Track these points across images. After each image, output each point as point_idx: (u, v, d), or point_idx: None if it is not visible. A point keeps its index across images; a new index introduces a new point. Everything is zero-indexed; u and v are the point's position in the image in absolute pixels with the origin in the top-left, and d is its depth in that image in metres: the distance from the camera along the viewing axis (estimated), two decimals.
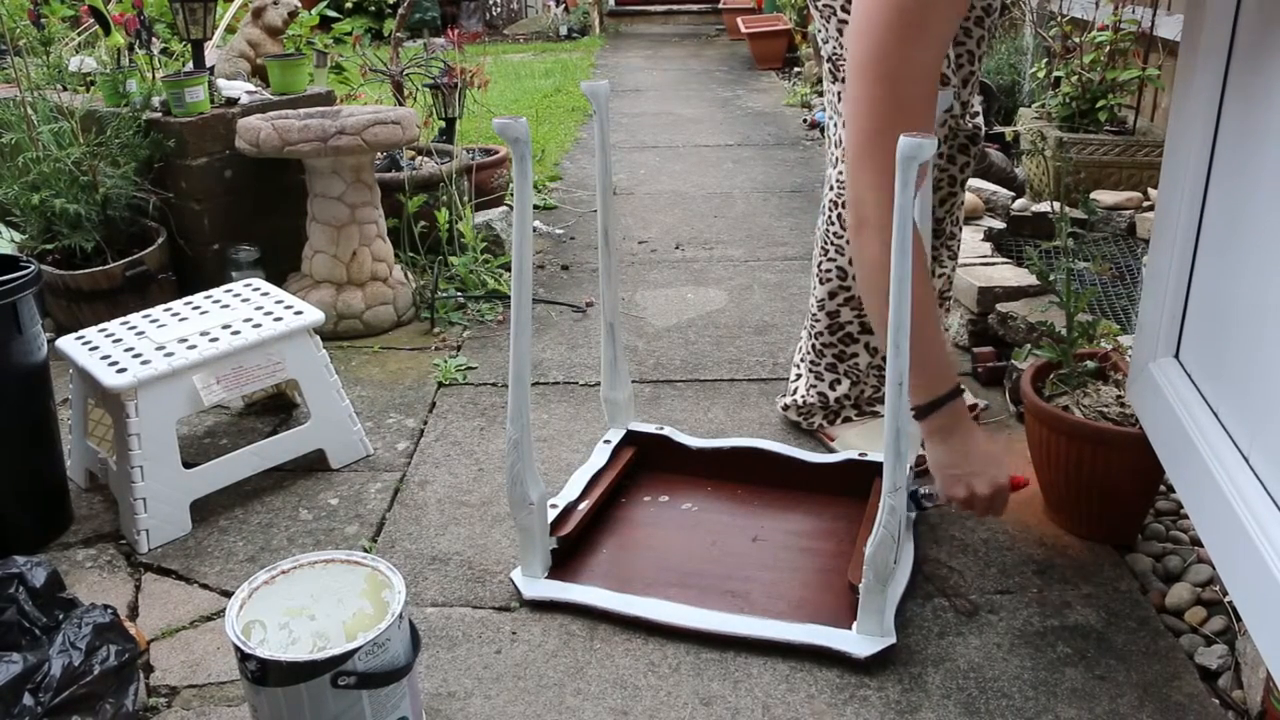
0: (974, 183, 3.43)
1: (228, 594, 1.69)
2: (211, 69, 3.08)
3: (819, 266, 2.01)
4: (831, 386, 2.09)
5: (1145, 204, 3.14)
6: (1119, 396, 1.77)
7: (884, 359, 2.05)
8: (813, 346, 2.09)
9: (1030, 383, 1.82)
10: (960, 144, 1.97)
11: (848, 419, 2.12)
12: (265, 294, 2.13)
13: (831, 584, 1.66)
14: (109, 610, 1.40)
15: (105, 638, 1.36)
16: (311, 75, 3.20)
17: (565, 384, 2.47)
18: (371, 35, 7.40)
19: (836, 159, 1.94)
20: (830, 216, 1.96)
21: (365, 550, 1.81)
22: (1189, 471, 1.40)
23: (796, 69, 6.98)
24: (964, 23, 1.84)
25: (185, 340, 1.91)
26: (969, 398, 2.18)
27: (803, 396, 2.13)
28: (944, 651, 1.53)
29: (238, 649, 1.23)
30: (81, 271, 2.61)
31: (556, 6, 9.92)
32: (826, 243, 1.98)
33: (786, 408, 2.18)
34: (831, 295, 2.00)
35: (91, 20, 3.43)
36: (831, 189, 1.96)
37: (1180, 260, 1.51)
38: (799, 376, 2.15)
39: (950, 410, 1.56)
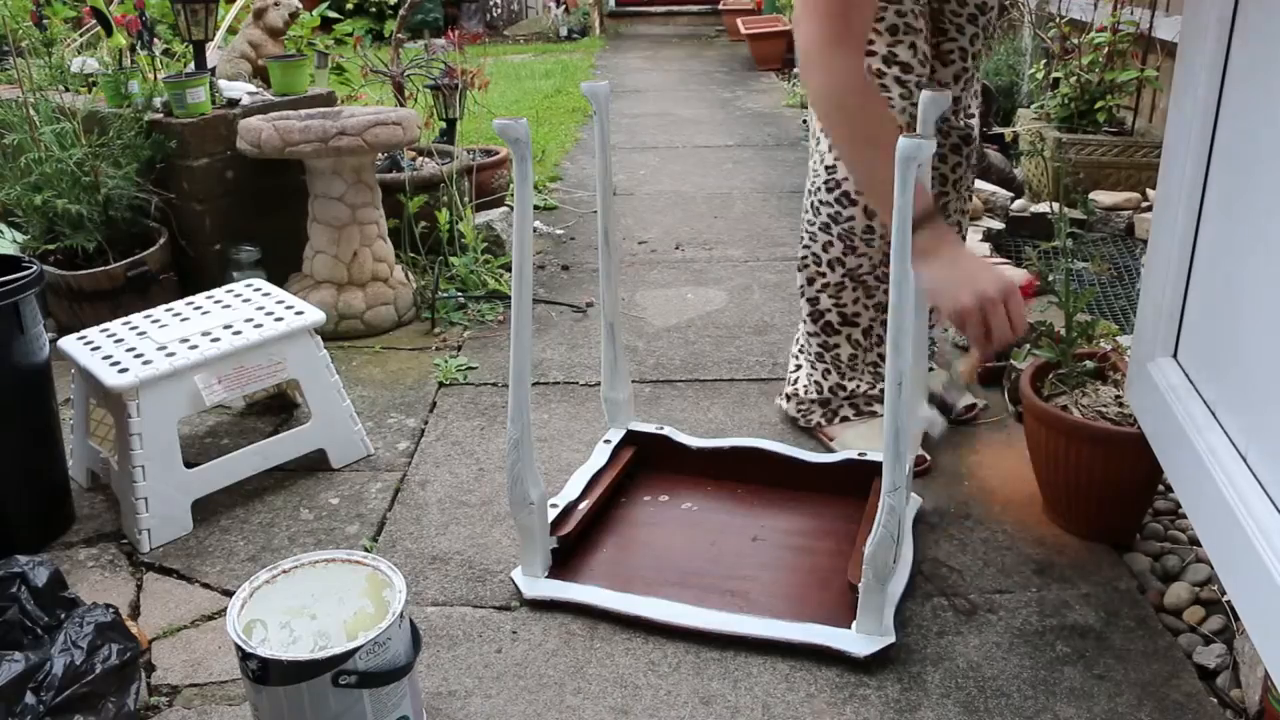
0: None
1: (229, 593, 1.70)
2: (213, 70, 3.09)
3: (800, 256, 2.06)
4: (824, 375, 2.12)
5: (1144, 204, 3.15)
6: (1117, 396, 1.77)
7: (874, 354, 2.08)
8: (805, 333, 2.13)
9: (1029, 382, 1.83)
10: (953, 143, 1.98)
11: (845, 418, 2.12)
12: (266, 294, 2.13)
13: (831, 583, 1.67)
14: (110, 609, 1.41)
15: (107, 637, 1.36)
16: (313, 76, 3.21)
17: (565, 384, 2.47)
18: (372, 36, 7.40)
19: (822, 154, 1.96)
20: (808, 204, 2.01)
21: (366, 550, 1.82)
22: (1187, 471, 1.40)
23: (796, 70, 6.99)
24: (955, 18, 1.88)
25: (187, 340, 1.92)
26: (968, 398, 2.19)
27: (803, 386, 2.15)
28: (943, 651, 1.53)
29: (239, 648, 1.23)
30: (83, 272, 2.62)
31: (557, 7, 9.92)
32: (804, 231, 2.03)
33: (788, 397, 2.19)
34: (810, 281, 2.05)
35: (93, 21, 3.44)
36: (812, 180, 2.00)
37: (1178, 260, 1.52)
38: (798, 368, 2.17)
39: (930, 233, 1.46)
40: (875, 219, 1.90)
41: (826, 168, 1.93)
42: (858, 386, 2.11)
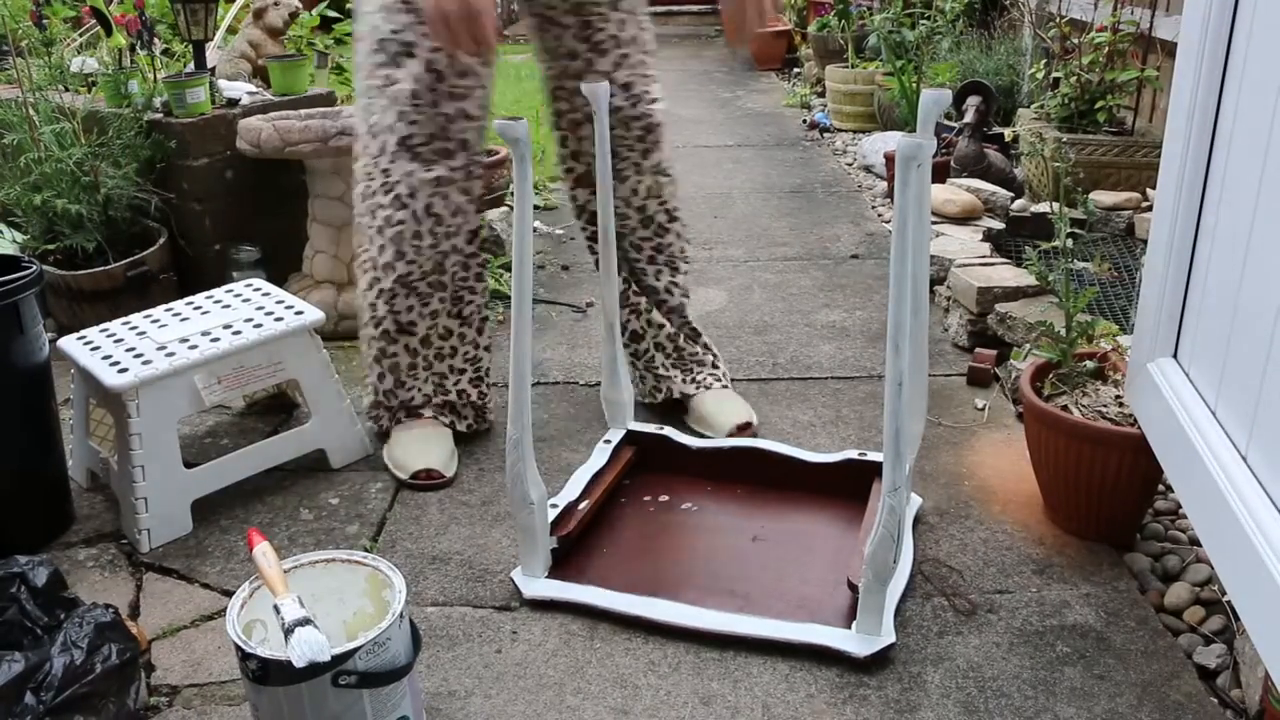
0: (973, 183, 3.44)
1: (229, 593, 1.70)
2: (213, 70, 3.09)
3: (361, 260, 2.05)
4: (379, 379, 2.08)
5: (1144, 204, 3.15)
6: (1118, 396, 1.77)
7: (434, 363, 2.04)
8: (367, 338, 2.08)
9: (1029, 383, 1.83)
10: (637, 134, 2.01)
11: (399, 421, 2.10)
12: (266, 294, 2.13)
13: (831, 583, 1.67)
14: (110, 609, 1.41)
15: (107, 637, 1.36)
16: (313, 76, 3.21)
17: (565, 384, 2.47)
18: None
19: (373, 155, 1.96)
20: (363, 207, 2.01)
21: (366, 550, 1.81)
22: (1187, 471, 1.40)
23: (796, 70, 6.99)
24: (597, 8, 1.93)
25: (186, 340, 1.92)
26: (979, 400, 2.19)
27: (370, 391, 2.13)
28: (943, 651, 1.53)
29: (239, 648, 1.23)
30: (83, 272, 2.62)
31: None
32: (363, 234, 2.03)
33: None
34: (369, 286, 2.01)
35: (93, 21, 3.44)
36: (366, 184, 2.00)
37: (1178, 260, 1.52)
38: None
39: None
40: (424, 224, 1.91)
41: (383, 170, 1.92)
42: (412, 398, 2.08)
